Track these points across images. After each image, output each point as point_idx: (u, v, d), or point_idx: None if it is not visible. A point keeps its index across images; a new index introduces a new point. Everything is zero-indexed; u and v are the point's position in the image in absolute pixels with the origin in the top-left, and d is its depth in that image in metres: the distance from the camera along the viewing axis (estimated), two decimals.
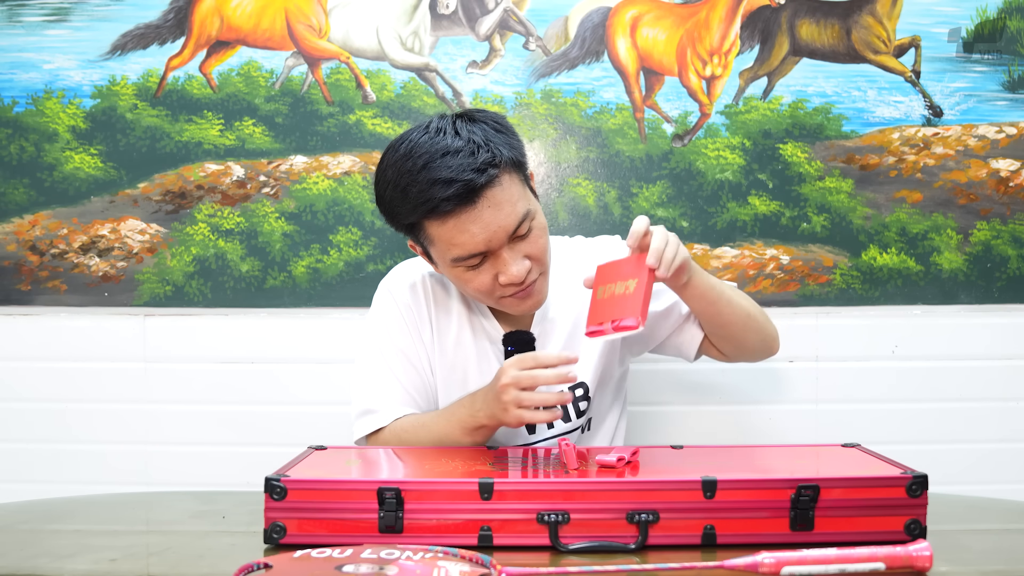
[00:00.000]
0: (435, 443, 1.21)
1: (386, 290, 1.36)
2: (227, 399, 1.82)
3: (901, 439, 1.78)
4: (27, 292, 1.85)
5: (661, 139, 1.81)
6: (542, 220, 1.24)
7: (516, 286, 1.22)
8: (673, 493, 0.94)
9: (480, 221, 1.17)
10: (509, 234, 1.19)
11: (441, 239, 1.19)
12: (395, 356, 1.31)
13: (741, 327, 1.28)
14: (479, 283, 1.22)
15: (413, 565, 0.81)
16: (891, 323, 1.80)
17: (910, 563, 0.83)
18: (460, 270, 1.22)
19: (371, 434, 1.27)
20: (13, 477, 1.82)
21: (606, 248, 1.41)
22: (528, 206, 1.21)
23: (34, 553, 0.97)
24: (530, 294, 1.24)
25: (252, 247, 1.83)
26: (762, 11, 1.79)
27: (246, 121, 1.83)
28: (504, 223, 1.18)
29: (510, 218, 1.18)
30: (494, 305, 1.28)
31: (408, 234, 1.26)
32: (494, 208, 1.17)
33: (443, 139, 1.17)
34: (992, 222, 1.81)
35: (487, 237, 1.17)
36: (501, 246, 1.19)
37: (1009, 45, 1.80)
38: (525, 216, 1.19)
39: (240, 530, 1.04)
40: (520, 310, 1.27)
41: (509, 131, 1.23)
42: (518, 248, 1.21)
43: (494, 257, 1.20)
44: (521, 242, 1.21)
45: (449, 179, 1.14)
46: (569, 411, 1.34)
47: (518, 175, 1.22)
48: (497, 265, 1.20)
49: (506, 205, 1.18)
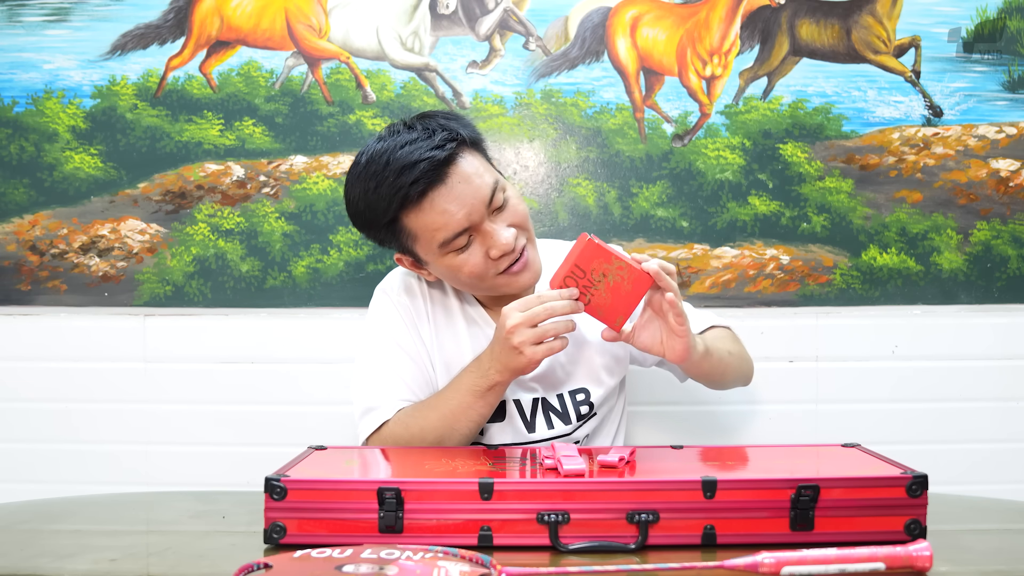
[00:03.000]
0: (445, 420, 1.21)
1: (382, 292, 1.37)
2: (227, 399, 1.82)
3: (901, 439, 1.78)
4: (27, 292, 1.85)
5: (661, 139, 1.81)
6: (514, 190, 1.27)
7: (509, 257, 1.23)
8: (673, 493, 0.94)
9: (454, 197, 1.19)
10: (486, 204, 1.21)
11: (422, 228, 1.21)
12: (394, 353, 1.31)
13: (719, 376, 1.33)
14: (472, 265, 1.23)
15: (413, 565, 0.81)
16: (891, 323, 1.80)
17: (910, 563, 0.83)
18: (450, 257, 1.23)
19: (376, 431, 1.27)
20: (13, 477, 1.82)
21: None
22: (496, 177, 1.24)
23: (34, 553, 0.97)
24: (525, 265, 1.26)
25: (252, 247, 1.83)
26: (762, 11, 1.79)
27: (246, 121, 1.83)
28: (478, 194, 1.20)
29: (483, 189, 1.21)
30: (491, 290, 1.28)
31: (391, 242, 1.26)
32: (464, 182, 1.20)
33: (399, 137, 1.21)
34: (992, 222, 1.81)
35: (467, 212, 1.20)
36: (482, 219, 1.21)
37: (1009, 45, 1.80)
38: (496, 185, 1.22)
39: (240, 530, 1.04)
40: (518, 285, 1.27)
41: (461, 119, 1.26)
42: (500, 219, 1.23)
43: (479, 234, 1.22)
44: (501, 213, 1.23)
45: (413, 162, 1.17)
46: (571, 414, 1.34)
47: (479, 152, 1.25)
48: (485, 241, 1.22)
49: (475, 177, 1.21)
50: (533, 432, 1.32)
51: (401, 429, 1.24)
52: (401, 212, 1.20)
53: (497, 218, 1.23)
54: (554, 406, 1.33)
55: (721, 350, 1.30)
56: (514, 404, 1.32)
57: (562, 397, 1.33)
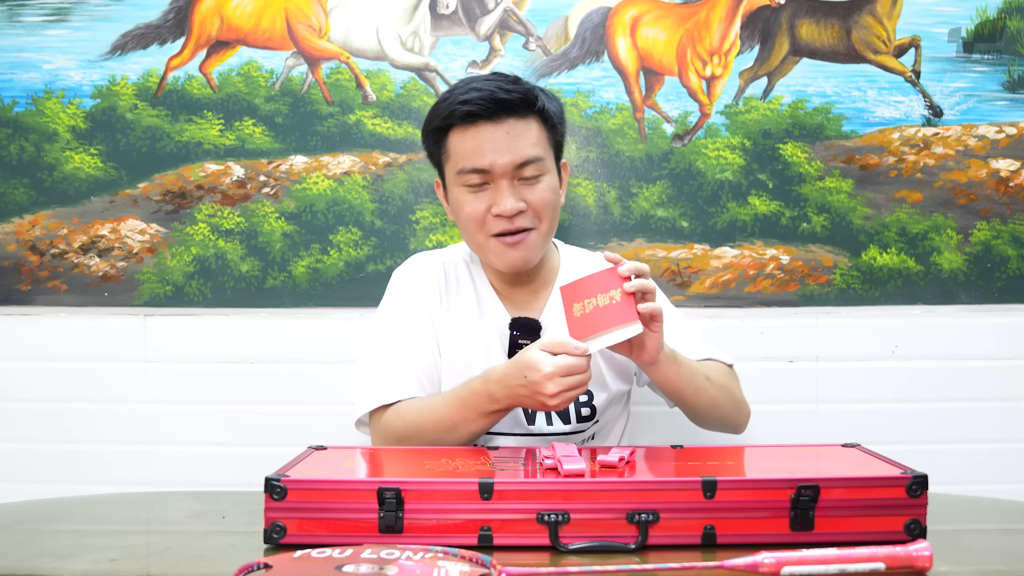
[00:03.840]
0: (440, 427, 1.22)
1: (399, 275, 1.42)
2: (227, 399, 1.82)
3: (901, 439, 1.78)
4: (27, 292, 1.85)
5: (661, 139, 1.81)
6: (555, 184, 1.32)
7: (503, 223, 1.27)
8: (673, 493, 0.94)
9: (493, 140, 1.26)
10: (515, 165, 1.26)
11: (456, 148, 1.29)
12: (404, 339, 1.34)
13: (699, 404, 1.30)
14: (472, 209, 1.28)
15: (413, 565, 0.81)
16: (891, 323, 1.80)
17: (910, 563, 0.83)
18: (462, 191, 1.29)
19: (375, 413, 1.28)
20: (13, 477, 1.82)
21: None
22: (544, 156, 1.29)
23: (34, 553, 0.97)
24: (518, 244, 1.29)
25: (252, 247, 1.83)
26: (762, 11, 1.79)
27: (246, 121, 1.83)
28: (514, 151, 1.26)
29: (521, 151, 1.26)
30: (485, 250, 1.32)
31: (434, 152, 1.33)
32: (510, 134, 1.26)
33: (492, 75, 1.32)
34: (992, 222, 1.81)
35: (493, 157, 1.25)
36: (503, 175, 1.26)
37: (1009, 45, 1.80)
38: (535, 160, 1.27)
39: (240, 530, 1.04)
40: (507, 259, 1.30)
41: (557, 99, 1.34)
42: (520, 190, 1.28)
43: (494, 185, 1.27)
44: (525, 186, 1.28)
45: (479, 90, 1.26)
46: (571, 414, 1.34)
47: (548, 133, 1.31)
48: (494, 195, 1.27)
49: (521, 138, 1.27)
50: (533, 424, 1.33)
51: (398, 421, 1.26)
52: (450, 127, 1.28)
53: (518, 187, 1.28)
54: None
55: (703, 376, 1.28)
56: None
57: None
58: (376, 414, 1.29)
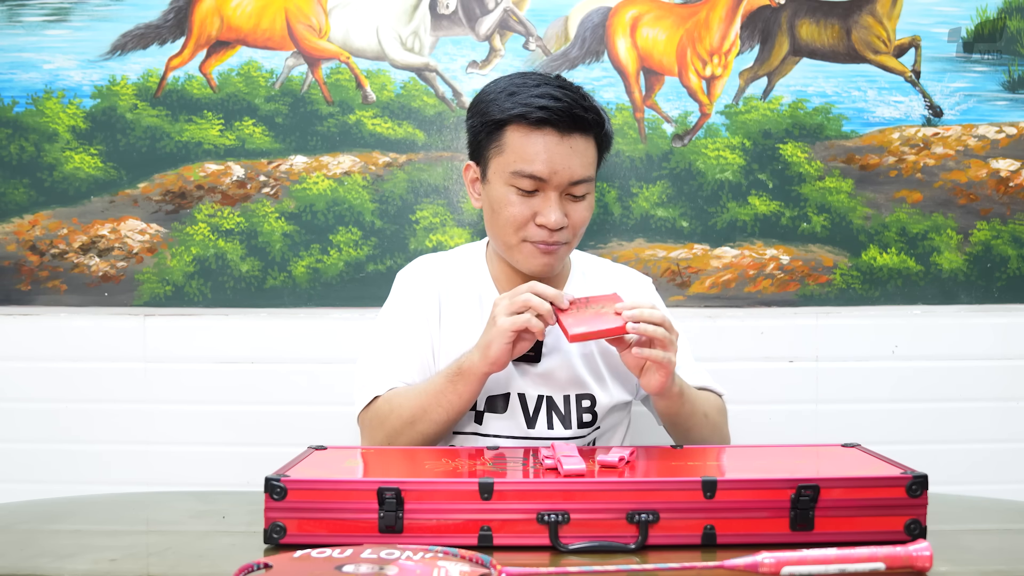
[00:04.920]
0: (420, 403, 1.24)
1: (401, 277, 1.43)
2: (227, 399, 1.82)
3: (901, 439, 1.78)
4: (27, 292, 1.85)
5: (661, 139, 1.81)
6: (593, 203, 1.34)
7: (544, 233, 1.28)
8: (673, 493, 0.94)
9: (558, 152, 1.25)
10: (571, 181, 1.27)
11: (516, 148, 1.26)
12: (398, 337, 1.35)
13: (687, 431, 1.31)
14: (518, 211, 1.28)
15: (413, 565, 0.81)
16: (891, 323, 1.80)
17: (910, 563, 0.83)
18: (509, 191, 1.28)
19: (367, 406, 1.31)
20: (13, 477, 1.82)
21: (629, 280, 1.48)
22: (593, 177, 1.31)
23: (34, 553, 0.97)
24: (552, 252, 1.30)
25: (252, 247, 1.83)
26: (762, 11, 1.79)
27: (246, 121, 1.83)
28: (573, 168, 1.26)
29: (579, 169, 1.27)
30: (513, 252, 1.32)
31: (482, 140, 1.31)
32: (575, 153, 1.26)
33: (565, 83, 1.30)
34: (992, 222, 1.81)
35: (553, 168, 1.25)
36: (557, 188, 1.27)
37: (1009, 45, 1.80)
38: (587, 179, 1.29)
39: (240, 530, 1.04)
40: (535, 264, 1.31)
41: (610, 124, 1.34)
42: (567, 205, 1.29)
43: (543, 197, 1.27)
44: (572, 203, 1.29)
45: (557, 99, 1.24)
46: (572, 419, 1.34)
47: (599, 155, 1.32)
48: (542, 205, 1.27)
49: (582, 157, 1.27)
50: (533, 428, 1.33)
51: (385, 407, 1.28)
52: (513, 122, 1.26)
53: (566, 201, 1.29)
54: (558, 406, 1.34)
55: (702, 413, 1.30)
56: (518, 397, 1.32)
57: (568, 399, 1.34)
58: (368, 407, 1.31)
